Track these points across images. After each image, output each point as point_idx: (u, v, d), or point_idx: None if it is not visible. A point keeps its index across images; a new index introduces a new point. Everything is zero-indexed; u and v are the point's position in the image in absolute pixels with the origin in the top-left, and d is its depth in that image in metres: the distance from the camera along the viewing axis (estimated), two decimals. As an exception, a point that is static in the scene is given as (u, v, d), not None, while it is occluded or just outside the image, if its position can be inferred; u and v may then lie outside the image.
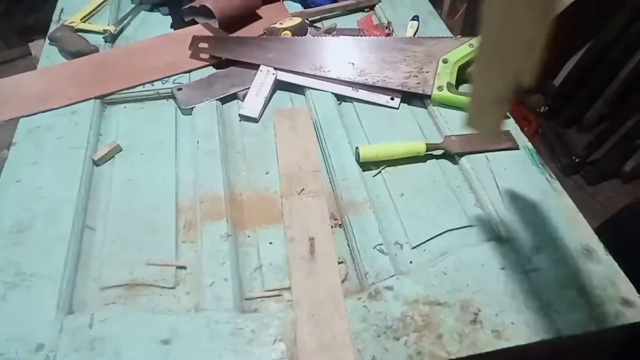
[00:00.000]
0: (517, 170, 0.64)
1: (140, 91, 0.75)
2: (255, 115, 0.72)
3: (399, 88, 0.74)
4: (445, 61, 0.74)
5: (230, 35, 0.84)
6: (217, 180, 0.61)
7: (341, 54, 0.79)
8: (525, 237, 0.56)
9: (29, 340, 0.46)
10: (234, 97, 0.76)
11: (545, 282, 0.52)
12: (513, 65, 0.37)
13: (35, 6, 1.98)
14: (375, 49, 0.79)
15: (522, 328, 0.48)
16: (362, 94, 0.75)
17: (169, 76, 0.77)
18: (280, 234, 0.57)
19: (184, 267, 0.54)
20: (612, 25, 1.44)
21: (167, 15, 0.91)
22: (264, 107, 0.74)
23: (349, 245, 0.57)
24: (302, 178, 0.62)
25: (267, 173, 0.65)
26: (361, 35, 0.86)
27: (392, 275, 0.52)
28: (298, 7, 0.94)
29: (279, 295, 0.52)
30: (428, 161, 0.67)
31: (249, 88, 0.74)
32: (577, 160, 1.64)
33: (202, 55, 0.80)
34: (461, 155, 0.66)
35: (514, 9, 0.35)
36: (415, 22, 0.87)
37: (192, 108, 0.72)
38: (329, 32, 0.87)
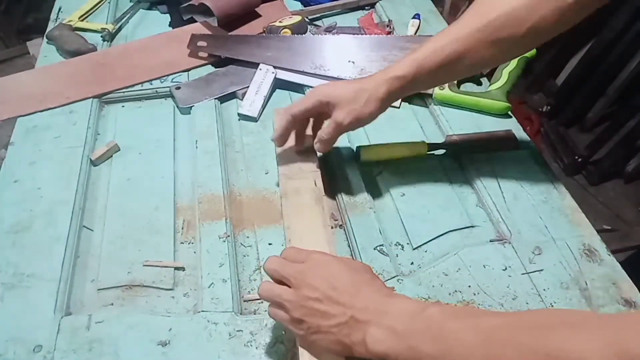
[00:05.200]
0: (519, 170, 0.63)
1: (139, 90, 0.74)
2: (255, 114, 0.71)
3: (400, 87, 0.74)
4: (446, 60, 0.74)
5: (229, 33, 0.84)
6: (216, 180, 0.61)
7: (341, 53, 0.78)
8: (527, 237, 0.55)
9: (27, 341, 0.46)
10: (233, 96, 0.75)
11: (547, 282, 0.51)
12: None
13: (34, 6, 1.98)
14: (376, 48, 0.78)
15: (524, 330, 0.47)
16: (363, 93, 0.75)
17: (168, 75, 0.76)
18: (280, 234, 0.57)
19: (182, 268, 0.54)
20: (614, 24, 1.44)
21: (165, 13, 0.91)
22: (263, 106, 0.73)
23: (349, 245, 0.56)
24: (301, 178, 0.61)
25: (266, 173, 0.65)
26: (362, 34, 0.85)
27: (393, 277, 0.51)
28: (298, 5, 0.93)
29: (279, 297, 0.52)
30: (429, 161, 0.66)
31: (248, 87, 0.74)
32: (579, 160, 1.64)
33: (201, 54, 0.79)
34: (463, 155, 0.65)
35: None
36: (417, 21, 0.87)
37: (191, 107, 0.71)
38: (329, 30, 0.86)
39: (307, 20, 0.87)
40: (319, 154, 0.65)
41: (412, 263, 0.55)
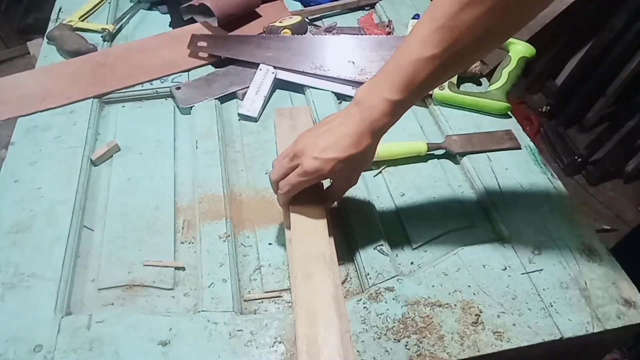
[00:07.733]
0: (519, 170, 0.63)
1: (139, 90, 0.74)
2: (255, 114, 0.71)
3: (400, 87, 0.74)
4: (446, 60, 0.74)
5: (230, 33, 0.84)
6: (216, 180, 0.61)
7: (341, 53, 0.78)
8: (526, 237, 0.56)
9: (27, 341, 0.46)
10: (233, 96, 0.75)
11: (546, 282, 0.51)
12: None
13: (34, 6, 1.98)
14: (376, 48, 0.78)
15: (523, 329, 0.48)
16: (363, 93, 0.75)
17: (168, 75, 0.77)
18: (280, 234, 0.57)
19: (182, 268, 0.54)
20: (614, 24, 1.44)
21: (165, 13, 0.91)
22: (264, 106, 0.73)
23: (349, 245, 0.56)
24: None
25: (266, 173, 0.65)
26: (361, 34, 0.85)
27: (393, 276, 0.51)
28: (298, 6, 0.93)
29: (279, 297, 0.52)
30: (429, 161, 0.66)
31: (248, 87, 0.74)
32: (578, 160, 1.64)
33: (201, 54, 0.79)
34: (462, 155, 0.65)
35: None
36: (417, 21, 0.87)
37: (191, 107, 0.72)
38: (329, 30, 0.86)
39: (307, 20, 0.87)
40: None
41: (412, 263, 0.55)
